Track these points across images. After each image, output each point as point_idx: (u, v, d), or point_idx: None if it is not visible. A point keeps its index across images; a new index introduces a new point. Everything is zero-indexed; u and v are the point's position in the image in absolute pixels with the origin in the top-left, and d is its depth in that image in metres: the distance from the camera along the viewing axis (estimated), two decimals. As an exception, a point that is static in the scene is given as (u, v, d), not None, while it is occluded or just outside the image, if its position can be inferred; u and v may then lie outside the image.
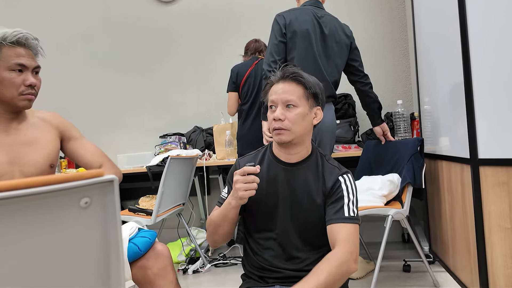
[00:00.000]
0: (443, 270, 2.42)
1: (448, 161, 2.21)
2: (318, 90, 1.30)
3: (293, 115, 1.25)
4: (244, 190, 1.17)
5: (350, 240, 1.18)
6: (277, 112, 1.25)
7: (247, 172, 1.17)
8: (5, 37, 1.29)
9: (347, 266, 1.13)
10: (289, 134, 1.25)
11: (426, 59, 2.54)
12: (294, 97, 1.25)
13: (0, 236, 0.42)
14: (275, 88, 1.28)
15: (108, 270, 0.53)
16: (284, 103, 1.25)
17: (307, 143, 1.32)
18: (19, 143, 1.38)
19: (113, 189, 0.50)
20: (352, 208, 1.24)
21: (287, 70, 1.28)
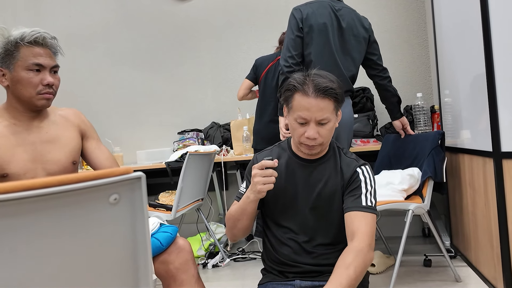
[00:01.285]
0: (465, 264, 2.39)
1: (470, 154, 2.17)
2: (343, 94, 1.28)
3: (326, 131, 1.24)
4: (263, 184, 1.18)
5: (370, 232, 1.19)
6: (312, 132, 1.22)
7: (265, 166, 1.18)
8: (23, 37, 1.31)
9: (370, 259, 1.16)
10: (319, 148, 1.27)
11: (446, 51, 2.49)
12: (329, 114, 1.23)
13: (35, 232, 0.44)
14: (306, 104, 1.21)
15: (136, 265, 0.55)
16: (317, 121, 1.23)
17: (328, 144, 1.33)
18: (41, 140, 1.41)
19: (140, 186, 0.51)
20: (370, 198, 1.24)
21: (320, 85, 1.21)
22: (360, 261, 1.13)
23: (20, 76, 1.32)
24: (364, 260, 1.14)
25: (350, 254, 1.15)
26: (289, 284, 1.29)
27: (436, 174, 2.17)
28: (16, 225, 0.43)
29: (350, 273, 1.10)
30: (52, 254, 0.46)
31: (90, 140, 1.54)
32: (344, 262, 1.13)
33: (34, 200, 0.42)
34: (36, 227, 0.44)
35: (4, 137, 1.35)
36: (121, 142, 3.57)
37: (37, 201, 0.43)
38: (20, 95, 1.35)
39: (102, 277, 0.53)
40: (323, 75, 1.25)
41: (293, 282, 1.28)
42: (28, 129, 1.40)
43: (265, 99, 2.84)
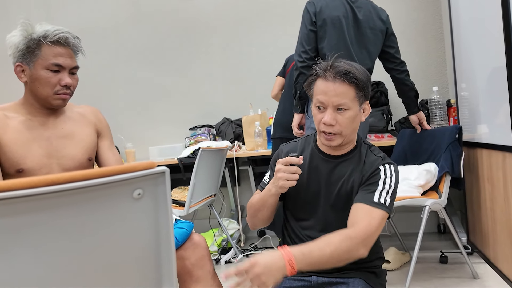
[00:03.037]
0: (482, 261, 2.35)
1: (489, 149, 2.12)
2: (369, 87, 1.22)
3: (345, 119, 1.18)
4: (285, 180, 1.16)
5: (370, 229, 1.10)
6: (328, 117, 1.17)
7: (290, 162, 1.16)
8: (46, 35, 1.31)
9: (356, 248, 1.07)
10: (339, 139, 1.20)
11: (464, 43, 2.44)
12: (347, 100, 1.17)
13: (60, 226, 0.43)
14: (325, 87, 1.19)
15: (159, 261, 0.54)
16: (335, 107, 1.18)
17: (353, 139, 1.27)
18: (56, 136, 1.41)
19: (164, 181, 0.49)
20: (384, 196, 1.16)
21: (339, 68, 1.18)
22: (344, 248, 1.06)
23: (39, 74, 1.32)
24: (349, 250, 1.06)
25: (338, 236, 1.08)
26: (306, 280, 1.26)
27: (453, 170, 2.13)
28: (41, 219, 0.42)
29: (327, 251, 1.04)
30: (76, 249, 0.45)
31: (104, 140, 1.54)
32: (328, 239, 1.07)
33: (59, 194, 0.41)
34: (61, 221, 0.43)
35: (19, 132, 1.36)
36: (133, 139, 3.58)
37: (62, 195, 0.42)
38: (37, 92, 1.35)
39: (125, 272, 0.51)
40: (348, 62, 1.21)
41: (309, 278, 1.26)
42: (43, 124, 1.40)
43: (288, 92, 2.79)
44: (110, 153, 1.54)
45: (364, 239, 1.08)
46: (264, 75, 3.43)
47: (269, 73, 3.31)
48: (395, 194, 1.19)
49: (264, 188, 1.28)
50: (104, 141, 1.54)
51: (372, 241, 1.11)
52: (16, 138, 1.34)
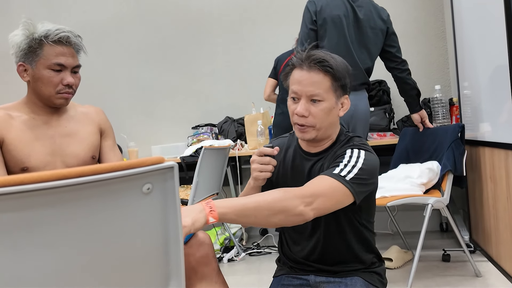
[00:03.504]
0: (485, 259, 2.35)
1: (491, 147, 2.13)
2: (348, 78, 1.16)
3: (318, 111, 1.12)
4: (259, 171, 1.11)
5: (317, 185, 1.02)
6: (300, 108, 1.11)
7: (263, 153, 1.12)
8: (47, 35, 1.31)
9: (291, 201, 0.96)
10: (312, 132, 1.14)
11: (466, 42, 2.44)
12: (321, 91, 1.11)
13: (69, 221, 0.43)
14: (298, 76, 1.13)
15: (168, 256, 0.54)
16: (308, 97, 1.12)
17: (332, 135, 1.20)
18: (60, 134, 1.42)
19: (173, 176, 0.50)
20: (346, 170, 1.06)
21: (314, 56, 1.12)
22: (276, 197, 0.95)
23: (41, 74, 1.33)
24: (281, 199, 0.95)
25: (281, 189, 1.00)
26: (304, 278, 1.26)
27: (456, 168, 2.14)
28: (51, 214, 0.42)
29: (253, 198, 0.96)
30: (86, 243, 0.46)
31: (107, 140, 1.55)
32: (268, 191, 0.98)
33: (69, 189, 0.42)
34: (71, 216, 0.43)
35: (23, 131, 1.36)
36: (136, 137, 3.58)
37: (73, 190, 0.42)
38: (39, 92, 1.36)
39: (134, 267, 0.52)
40: (325, 52, 1.15)
41: (307, 276, 1.25)
42: (47, 123, 1.41)
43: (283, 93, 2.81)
44: (111, 154, 1.55)
45: (305, 196, 0.98)
46: (267, 74, 3.42)
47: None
48: (363, 175, 1.07)
49: None
50: (106, 141, 1.55)
51: (318, 204, 0.99)
52: (20, 137, 1.35)
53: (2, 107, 1.40)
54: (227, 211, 0.89)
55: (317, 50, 1.15)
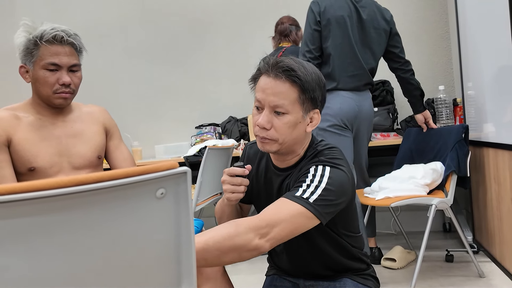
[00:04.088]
0: (488, 260, 2.35)
1: (495, 148, 2.13)
2: (318, 91, 1.04)
3: (282, 124, 1.01)
4: (231, 192, 1.05)
5: (274, 213, 0.93)
6: (262, 119, 1.02)
7: (234, 173, 1.05)
8: (42, 35, 1.32)
9: (244, 236, 0.88)
10: (274, 145, 1.04)
11: (470, 42, 2.44)
12: (286, 102, 1.00)
13: (88, 224, 0.44)
14: (263, 84, 1.04)
15: (180, 257, 0.55)
16: (271, 108, 1.02)
17: (299, 151, 1.11)
18: (66, 135, 1.43)
19: (185, 180, 0.51)
20: (309, 191, 0.97)
21: (282, 63, 1.02)
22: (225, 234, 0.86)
23: (38, 74, 1.34)
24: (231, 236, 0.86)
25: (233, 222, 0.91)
26: (293, 282, 1.23)
27: (459, 169, 2.14)
28: (69, 218, 0.43)
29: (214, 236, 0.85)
30: (100, 247, 0.47)
31: (112, 139, 1.56)
32: (221, 225, 0.91)
33: (87, 194, 0.43)
34: (88, 220, 0.44)
35: (30, 131, 1.38)
36: (139, 137, 3.59)
37: (90, 195, 0.43)
38: (39, 92, 1.37)
39: (147, 269, 0.53)
40: (298, 61, 1.05)
41: (297, 280, 1.23)
42: (53, 123, 1.42)
43: None
44: (118, 153, 1.56)
45: (259, 227, 0.89)
46: (270, 73, 3.44)
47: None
48: (329, 196, 0.98)
49: None
50: (112, 140, 1.56)
51: (275, 233, 0.91)
52: (27, 138, 1.36)
53: (9, 107, 1.41)
54: None
55: (290, 57, 1.06)
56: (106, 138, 1.53)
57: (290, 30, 2.74)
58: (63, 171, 1.41)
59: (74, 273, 0.46)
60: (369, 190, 2.27)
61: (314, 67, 1.07)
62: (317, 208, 0.96)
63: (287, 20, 2.80)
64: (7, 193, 0.38)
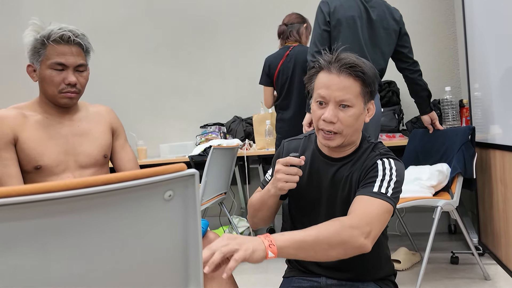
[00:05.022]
0: (494, 262, 2.34)
1: (502, 150, 2.11)
2: (376, 83, 1.12)
3: (347, 117, 1.07)
4: (285, 181, 1.07)
5: (367, 211, 1.00)
6: (329, 113, 1.07)
7: (290, 163, 1.07)
8: (49, 35, 1.32)
9: (351, 234, 0.94)
10: (339, 139, 1.10)
11: (477, 43, 2.42)
12: (351, 96, 1.07)
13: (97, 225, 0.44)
14: (327, 81, 1.08)
15: (187, 259, 0.55)
16: (337, 102, 1.07)
17: (356, 141, 1.16)
18: (73, 133, 1.43)
19: (193, 183, 0.51)
20: (386, 187, 1.05)
21: (345, 60, 1.07)
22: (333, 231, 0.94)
23: (44, 74, 1.35)
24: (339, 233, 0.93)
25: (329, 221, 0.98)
26: (315, 281, 1.24)
27: (466, 170, 2.13)
28: (79, 220, 0.43)
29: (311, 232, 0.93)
30: (109, 248, 0.47)
31: (118, 139, 1.57)
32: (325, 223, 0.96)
33: (96, 196, 0.43)
34: (97, 221, 0.44)
35: (37, 130, 1.38)
36: (144, 136, 3.61)
37: (99, 197, 0.43)
38: (45, 92, 1.38)
39: (155, 270, 0.53)
40: (355, 55, 1.11)
41: (319, 279, 1.23)
42: (60, 122, 1.43)
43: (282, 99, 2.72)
44: (123, 152, 1.57)
45: (362, 226, 0.96)
46: (275, 73, 3.44)
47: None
48: (399, 187, 1.08)
49: (265, 186, 1.22)
50: (118, 140, 1.57)
51: (375, 232, 0.98)
52: (33, 136, 1.37)
53: (16, 106, 1.42)
54: (286, 244, 0.89)
55: (347, 53, 1.11)
56: (112, 138, 1.54)
57: (290, 31, 2.72)
58: (69, 170, 1.42)
59: (84, 273, 0.46)
60: (374, 191, 2.26)
61: (369, 62, 1.13)
62: (394, 201, 1.05)
63: (287, 21, 2.78)
64: (18, 194, 0.38)
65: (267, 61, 2.79)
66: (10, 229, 0.40)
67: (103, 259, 0.47)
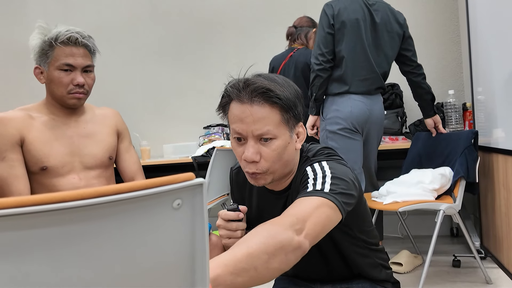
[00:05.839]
0: (496, 266, 2.34)
1: (505, 154, 2.12)
2: (299, 105, 0.97)
3: (271, 152, 0.93)
4: (228, 238, 1.00)
5: (298, 212, 0.84)
6: (249, 153, 0.92)
7: (228, 219, 0.99)
8: (57, 37, 1.34)
9: (288, 236, 0.78)
10: (268, 177, 0.97)
11: (481, 46, 2.42)
12: (271, 127, 0.92)
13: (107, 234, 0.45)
14: (239, 113, 0.93)
15: (194, 264, 0.56)
16: (256, 137, 0.93)
17: (293, 169, 1.03)
18: (78, 135, 1.45)
19: (201, 191, 0.52)
20: (319, 183, 0.92)
21: (255, 85, 0.91)
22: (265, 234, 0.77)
23: (52, 75, 1.36)
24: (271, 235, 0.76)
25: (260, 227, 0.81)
26: (309, 286, 1.20)
27: (468, 174, 2.14)
28: (88, 229, 0.44)
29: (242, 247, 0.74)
30: (119, 256, 0.48)
31: (123, 141, 1.59)
32: (252, 232, 0.79)
33: (106, 205, 0.44)
34: (107, 230, 0.45)
35: (43, 131, 1.40)
36: (148, 136, 3.62)
37: (110, 206, 0.44)
38: (53, 93, 1.39)
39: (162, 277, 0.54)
40: (268, 77, 0.95)
41: (313, 284, 1.20)
42: (66, 123, 1.44)
43: None
44: (127, 155, 1.59)
45: (292, 223, 0.80)
46: (278, 75, 3.45)
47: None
48: (341, 184, 0.92)
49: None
50: (122, 142, 1.58)
51: (310, 228, 0.82)
52: (40, 137, 1.38)
53: (23, 108, 1.43)
54: (217, 272, 0.68)
55: (259, 77, 0.95)
56: (117, 141, 1.55)
57: (298, 34, 2.74)
58: (74, 171, 1.43)
59: (94, 279, 0.47)
60: (377, 194, 2.27)
61: (286, 79, 0.98)
62: (335, 197, 0.89)
63: (297, 23, 2.80)
64: (32, 204, 0.39)
65: (272, 61, 2.83)
66: (23, 237, 0.42)
67: (113, 266, 0.48)
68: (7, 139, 1.33)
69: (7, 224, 0.39)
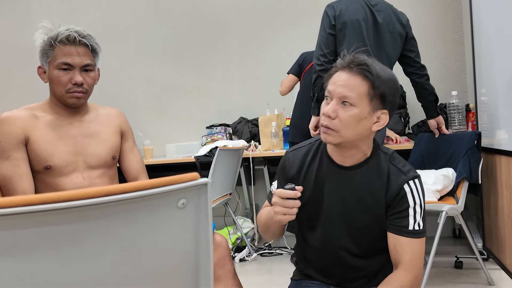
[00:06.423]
0: (498, 267, 2.34)
1: (508, 156, 2.11)
2: (389, 90, 1.05)
3: (346, 116, 1.03)
4: (283, 214, 1.05)
5: (416, 261, 1.06)
6: (328, 108, 1.04)
7: (286, 196, 1.04)
8: (56, 36, 1.35)
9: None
10: (336, 137, 1.05)
11: (484, 48, 2.42)
12: (354, 94, 1.02)
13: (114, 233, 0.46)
14: (336, 77, 1.07)
15: (198, 263, 0.57)
16: (340, 99, 1.04)
17: (364, 148, 1.11)
18: (82, 134, 1.46)
19: (206, 191, 0.52)
20: (418, 220, 1.08)
21: (356, 58, 1.05)
22: None
23: (52, 74, 1.37)
24: None
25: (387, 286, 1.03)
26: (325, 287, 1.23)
27: (471, 175, 2.13)
28: (96, 227, 0.45)
29: None
30: (124, 255, 0.49)
31: (126, 141, 1.59)
32: None
33: (113, 204, 0.44)
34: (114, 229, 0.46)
35: (47, 130, 1.40)
36: (151, 136, 3.63)
37: (116, 205, 0.45)
38: (53, 92, 1.40)
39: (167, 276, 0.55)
40: (373, 59, 1.07)
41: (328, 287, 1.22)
42: (70, 123, 1.45)
43: (306, 94, 2.76)
44: (131, 155, 1.59)
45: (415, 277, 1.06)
46: (282, 75, 3.43)
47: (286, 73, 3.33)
48: (424, 208, 1.11)
49: (271, 199, 1.16)
50: (126, 142, 1.59)
51: (422, 271, 1.08)
52: (44, 136, 1.39)
53: (28, 107, 1.44)
54: None
55: (364, 55, 1.08)
56: (121, 140, 1.56)
57: None
58: (78, 170, 1.44)
59: (99, 277, 0.48)
60: (379, 194, 2.26)
61: (390, 71, 1.09)
62: (425, 226, 1.10)
63: None
64: (40, 203, 0.40)
65: (304, 55, 2.84)
66: (31, 236, 0.42)
67: (118, 265, 0.48)
68: (12, 138, 1.34)
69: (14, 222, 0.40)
